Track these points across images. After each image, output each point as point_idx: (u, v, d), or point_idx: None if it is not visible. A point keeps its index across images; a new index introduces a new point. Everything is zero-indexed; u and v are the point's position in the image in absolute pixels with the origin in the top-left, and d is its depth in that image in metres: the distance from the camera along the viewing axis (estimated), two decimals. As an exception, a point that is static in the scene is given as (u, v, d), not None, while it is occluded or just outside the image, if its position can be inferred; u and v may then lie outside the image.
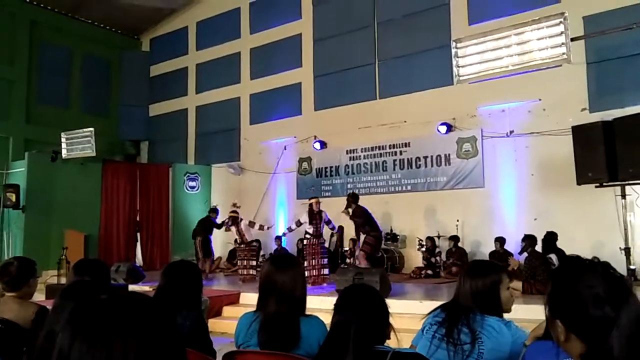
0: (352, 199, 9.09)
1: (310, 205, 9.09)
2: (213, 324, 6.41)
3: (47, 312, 2.45)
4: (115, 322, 0.74)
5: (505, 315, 2.23)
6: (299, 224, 9.20)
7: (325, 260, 9.04)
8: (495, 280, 2.23)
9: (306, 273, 8.83)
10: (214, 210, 11.26)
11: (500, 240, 9.53)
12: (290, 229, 9.59)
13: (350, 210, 8.98)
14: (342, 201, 11.57)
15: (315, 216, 9.01)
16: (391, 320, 1.88)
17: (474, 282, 2.20)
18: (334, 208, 9.64)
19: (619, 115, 7.31)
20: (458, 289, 2.26)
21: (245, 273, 9.96)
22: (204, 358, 2.30)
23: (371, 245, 8.81)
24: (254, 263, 10.13)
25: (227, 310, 7.54)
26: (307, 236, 9.03)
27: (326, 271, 8.93)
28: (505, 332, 2.11)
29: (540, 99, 9.78)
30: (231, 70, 14.46)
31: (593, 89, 9.29)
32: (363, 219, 8.90)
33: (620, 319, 1.06)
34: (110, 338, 0.72)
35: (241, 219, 10.17)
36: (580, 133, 7.22)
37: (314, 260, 8.87)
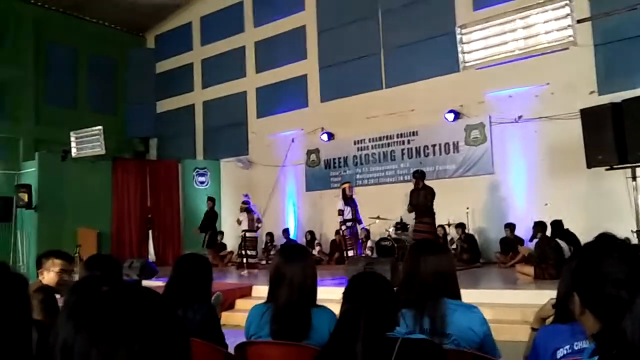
0: (421, 175, 8.86)
1: (344, 189, 9.07)
2: (226, 317, 6.46)
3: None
4: (118, 314, 0.74)
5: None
6: (340, 213, 9.02)
7: (359, 250, 9.02)
8: (452, 258, 2.25)
9: None
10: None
11: (511, 227, 9.50)
12: (343, 223, 9.32)
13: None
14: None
15: (349, 201, 8.97)
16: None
17: (436, 261, 2.13)
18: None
19: (628, 96, 7.22)
20: (412, 270, 2.15)
21: (254, 262, 10.23)
22: (215, 349, 2.32)
23: (428, 232, 8.56)
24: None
25: (239, 303, 7.59)
26: (348, 224, 8.92)
27: None
28: (473, 317, 2.11)
29: (548, 83, 9.69)
30: (236, 65, 14.46)
31: (601, 71, 9.18)
32: (429, 201, 8.64)
33: (634, 304, 1.07)
34: (112, 330, 0.72)
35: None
36: (589, 116, 7.14)
37: (358, 250, 8.88)
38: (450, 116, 10.61)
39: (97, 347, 0.71)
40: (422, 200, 8.78)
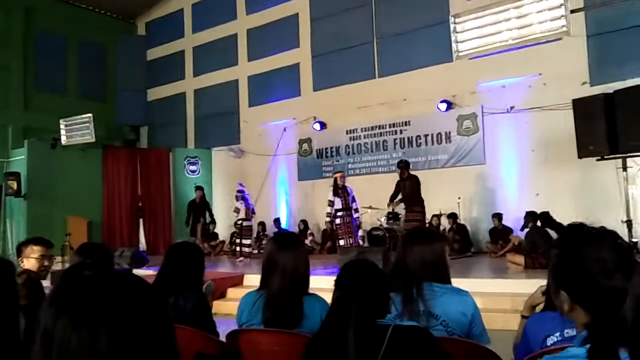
0: (406, 165, 8.92)
1: (335, 179, 9.06)
2: (217, 305, 6.45)
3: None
4: (100, 299, 0.72)
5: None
6: (330, 204, 8.98)
7: (358, 238, 8.98)
8: (443, 247, 2.25)
9: None
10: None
11: (498, 216, 9.56)
12: (329, 214, 9.24)
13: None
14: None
15: (339, 190, 8.93)
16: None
17: (422, 250, 2.18)
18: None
19: (620, 87, 7.25)
20: (401, 258, 2.21)
21: (248, 251, 10.26)
22: (206, 337, 2.31)
23: (418, 220, 8.60)
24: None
25: (231, 292, 7.60)
26: (339, 214, 8.88)
27: None
28: (462, 299, 2.13)
29: (540, 74, 9.70)
30: (228, 52, 14.34)
31: (594, 62, 9.20)
32: (415, 190, 8.71)
33: (631, 289, 1.06)
34: (93, 315, 0.70)
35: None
36: (581, 106, 7.17)
37: (350, 239, 8.81)
38: (443, 106, 10.61)
39: (77, 332, 0.69)
40: (409, 190, 8.81)
